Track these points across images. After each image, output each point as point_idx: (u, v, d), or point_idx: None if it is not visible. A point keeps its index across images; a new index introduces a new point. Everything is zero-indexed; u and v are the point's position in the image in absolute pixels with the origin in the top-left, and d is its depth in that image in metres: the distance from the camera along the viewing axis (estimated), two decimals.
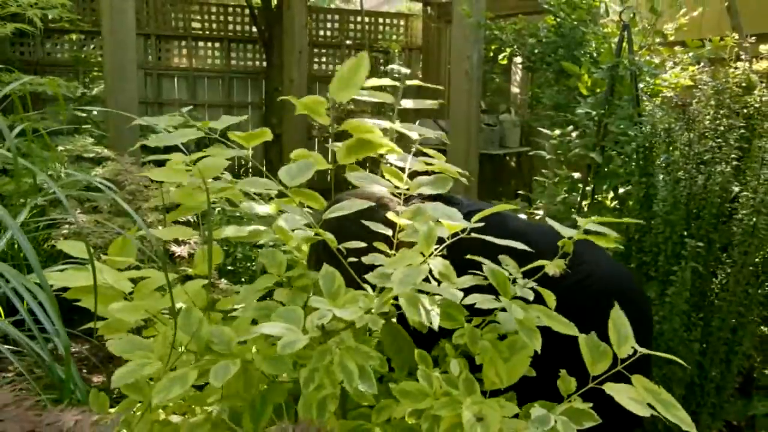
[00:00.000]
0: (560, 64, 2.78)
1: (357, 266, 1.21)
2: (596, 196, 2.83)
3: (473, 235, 1.11)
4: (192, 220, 2.95)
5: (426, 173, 1.51)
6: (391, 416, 1.15)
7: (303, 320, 1.10)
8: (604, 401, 1.10)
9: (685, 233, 2.13)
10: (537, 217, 3.59)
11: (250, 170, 6.05)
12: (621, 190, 2.70)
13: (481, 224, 1.12)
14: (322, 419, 1.07)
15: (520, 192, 4.06)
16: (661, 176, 2.22)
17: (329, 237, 1.37)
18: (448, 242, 1.08)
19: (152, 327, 1.50)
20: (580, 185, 2.69)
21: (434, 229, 1.03)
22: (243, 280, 3.22)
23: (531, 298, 1.14)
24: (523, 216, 4.14)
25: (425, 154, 1.50)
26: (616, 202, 2.62)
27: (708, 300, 2.15)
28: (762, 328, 2.42)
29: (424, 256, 1.01)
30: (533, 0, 3.45)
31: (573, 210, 2.75)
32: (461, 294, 1.14)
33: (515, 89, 6.39)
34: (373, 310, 0.97)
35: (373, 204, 1.34)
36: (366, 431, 1.16)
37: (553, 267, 1.17)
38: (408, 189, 1.36)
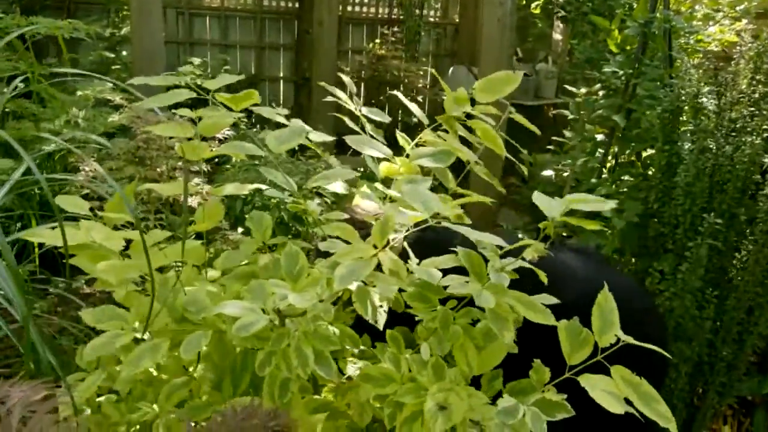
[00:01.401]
0: (592, 16, 2.60)
1: None
2: (621, 158, 2.70)
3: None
4: (206, 170, 2.95)
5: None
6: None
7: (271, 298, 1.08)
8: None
9: (707, 206, 2.01)
10: (565, 174, 3.47)
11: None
12: (648, 154, 2.57)
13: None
14: (283, 399, 1.06)
15: (550, 147, 3.91)
16: (687, 144, 2.09)
17: (312, 208, 1.33)
18: (398, 237, 1.02)
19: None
20: (602, 148, 2.56)
21: (390, 221, 0.97)
22: None
23: (506, 284, 1.09)
24: (550, 172, 4.01)
25: None
26: (633, 168, 2.49)
27: (727, 277, 2.05)
28: None
29: (376, 248, 0.96)
30: None
31: (594, 171, 2.63)
32: (439, 275, 1.10)
33: (557, 36, 6.09)
34: (323, 300, 0.94)
35: None
36: (333, 410, 1.15)
37: (532, 252, 1.11)
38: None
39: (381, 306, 0.98)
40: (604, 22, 2.56)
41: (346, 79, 1.54)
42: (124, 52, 4.76)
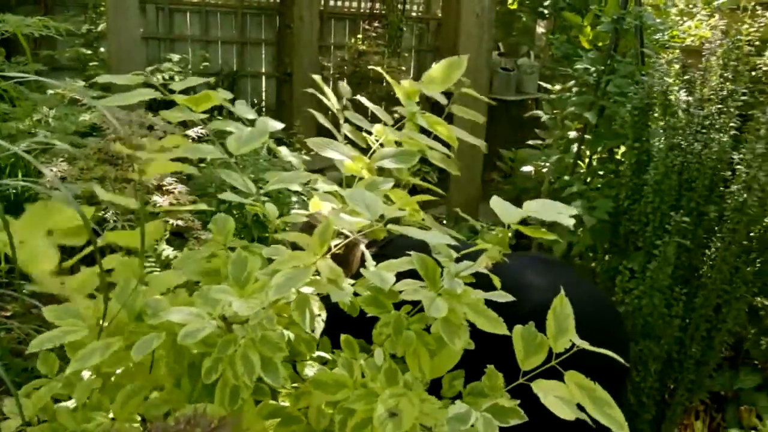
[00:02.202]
0: (564, 12, 2.59)
1: None
2: (595, 155, 2.70)
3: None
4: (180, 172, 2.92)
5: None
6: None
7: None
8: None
9: (676, 204, 2.02)
10: (544, 170, 3.46)
11: (263, 110, 5.97)
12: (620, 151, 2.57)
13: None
14: (233, 406, 1.04)
15: (529, 142, 3.91)
16: (656, 141, 2.09)
17: (270, 210, 1.32)
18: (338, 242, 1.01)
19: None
20: (576, 145, 2.56)
21: (329, 228, 0.96)
22: (236, 227, 3.20)
23: (459, 290, 1.08)
24: (529, 168, 4.00)
25: None
26: (611, 165, 2.49)
27: (696, 274, 2.06)
28: (759, 299, 2.33)
29: (317, 255, 0.95)
30: None
31: (568, 168, 2.63)
32: (392, 280, 1.09)
33: (541, 30, 6.09)
34: (264, 309, 0.93)
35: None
36: (286, 415, 1.14)
37: (486, 259, 1.10)
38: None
39: (319, 315, 0.97)
40: (576, 18, 2.55)
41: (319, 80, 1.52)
42: (102, 49, 4.70)
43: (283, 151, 1.45)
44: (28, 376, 1.98)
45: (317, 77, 1.59)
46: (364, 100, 1.47)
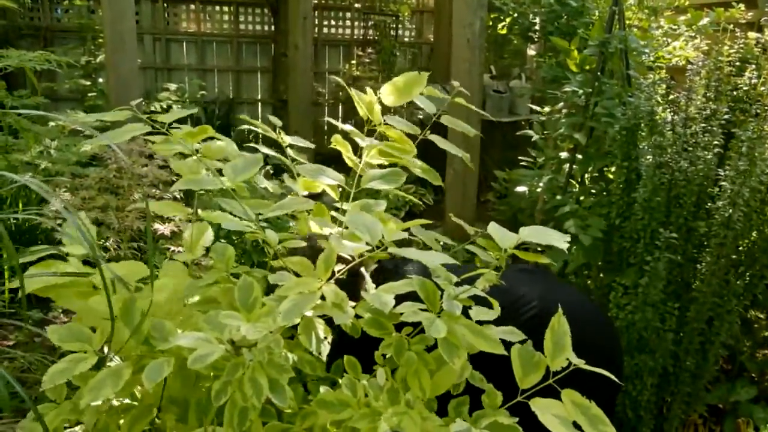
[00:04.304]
0: (551, 37, 2.67)
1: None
2: (587, 175, 2.76)
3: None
4: (179, 196, 2.97)
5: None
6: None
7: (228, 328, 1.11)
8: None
9: (665, 221, 2.07)
10: (538, 190, 3.52)
11: (259, 137, 6.04)
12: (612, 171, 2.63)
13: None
14: (242, 427, 1.08)
15: (523, 163, 3.97)
16: (644, 160, 2.15)
17: (270, 236, 1.37)
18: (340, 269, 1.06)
19: None
20: (566, 166, 2.62)
21: (332, 255, 1.01)
22: (236, 253, 3.24)
23: (458, 312, 1.12)
24: (523, 188, 4.04)
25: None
26: (603, 183, 2.55)
27: (688, 288, 2.10)
28: (753, 312, 2.37)
29: (321, 281, 0.99)
30: None
31: (560, 188, 2.69)
32: (392, 302, 1.13)
33: (532, 52, 6.20)
34: (271, 333, 0.97)
35: None
36: None
37: (484, 282, 1.15)
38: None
39: (326, 338, 1.02)
40: (564, 43, 2.63)
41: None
42: (101, 79, 4.78)
43: (260, 179, 1.50)
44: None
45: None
46: (340, 124, 1.53)
